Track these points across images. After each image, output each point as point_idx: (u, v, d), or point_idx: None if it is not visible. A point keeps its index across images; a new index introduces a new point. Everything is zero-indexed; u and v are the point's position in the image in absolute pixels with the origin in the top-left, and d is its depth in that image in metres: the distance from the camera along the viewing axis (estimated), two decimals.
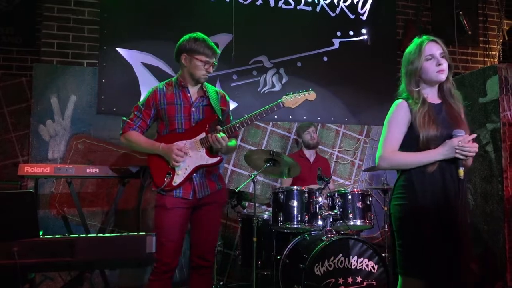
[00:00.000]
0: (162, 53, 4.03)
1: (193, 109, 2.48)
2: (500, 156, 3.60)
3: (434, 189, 1.95)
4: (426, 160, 1.96)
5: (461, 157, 1.92)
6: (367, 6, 4.64)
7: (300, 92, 2.54)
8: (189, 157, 2.41)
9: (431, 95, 2.09)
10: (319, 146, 4.24)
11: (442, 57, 2.04)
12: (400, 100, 2.07)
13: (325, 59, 4.50)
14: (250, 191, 3.74)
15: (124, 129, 2.51)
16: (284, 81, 4.38)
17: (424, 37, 2.08)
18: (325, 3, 4.54)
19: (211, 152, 2.47)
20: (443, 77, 2.03)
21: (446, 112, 2.05)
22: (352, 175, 4.51)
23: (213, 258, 2.55)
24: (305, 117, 4.34)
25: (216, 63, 2.51)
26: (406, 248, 1.97)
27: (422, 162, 1.97)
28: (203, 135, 2.44)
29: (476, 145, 1.95)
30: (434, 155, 1.95)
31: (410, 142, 2.02)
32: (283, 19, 4.40)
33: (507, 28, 4.96)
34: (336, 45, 4.54)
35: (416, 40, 2.09)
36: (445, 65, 2.03)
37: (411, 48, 2.09)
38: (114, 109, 3.88)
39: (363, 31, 4.62)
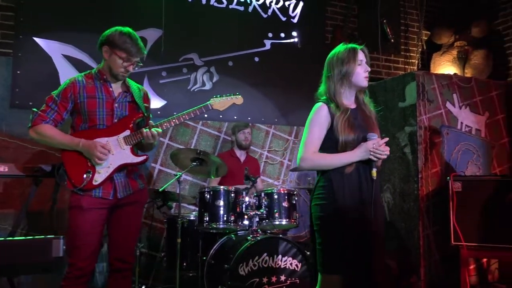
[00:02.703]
0: (86, 45, 3.81)
1: (116, 105, 2.37)
2: (416, 157, 3.84)
3: (351, 189, 2.06)
4: (345, 161, 2.06)
5: (374, 159, 2.04)
6: (298, 10, 4.73)
7: (228, 96, 2.58)
8: (112, 155, 2.31)
9: (348, 100, 2.18)
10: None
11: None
12: (321, 103, 2.14)
13: (257, 59, 4.52)
14: (178, 191, 3.65)
15: (35, 121, 2.32)
16: (215, 79, 4.34)
17: (355, 44, 2.16)
18: (257, 4, 4.56)
19: (135, 150, 2.40)
20: (366, 83, 2.16)
21: (360, 116, 2.16)
22: (281, 175, 4.57)
23: (133, 259, 2.46)
24: (235, 117, 4.33)
25: (140, 64, 2.40)
26: (326, 246, 2.04)
27: (341, 163, 2.06)
28: (127, 132, 2.36)
29: (388, 148, 2.08)
30: (351, 157, 2.05)
31: (329, 144, 2.11)
32: (215, 17, 4.36)
33: (426, 38, 5.31)
34: (268, 46, 4.58)
35: (347, 45, 2.15)
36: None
37: (342, 52, 2.13)
38: (31, 103, 3.56)
39: (294, 33, 4.70)
